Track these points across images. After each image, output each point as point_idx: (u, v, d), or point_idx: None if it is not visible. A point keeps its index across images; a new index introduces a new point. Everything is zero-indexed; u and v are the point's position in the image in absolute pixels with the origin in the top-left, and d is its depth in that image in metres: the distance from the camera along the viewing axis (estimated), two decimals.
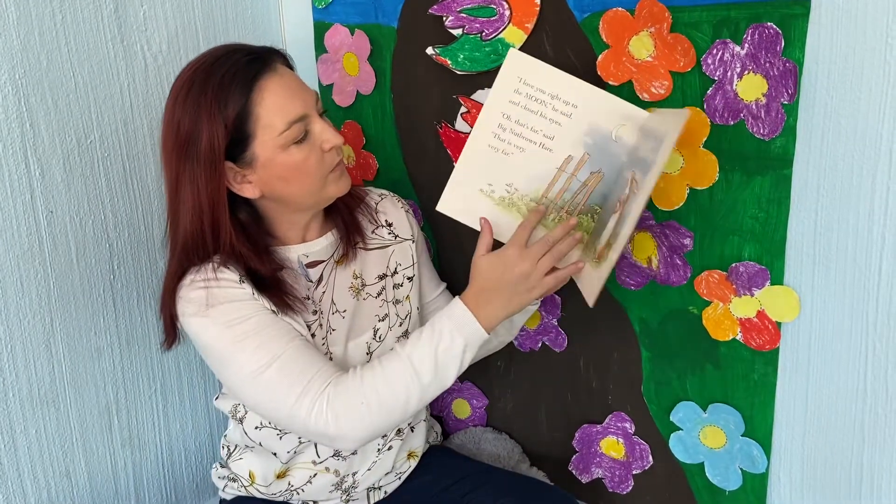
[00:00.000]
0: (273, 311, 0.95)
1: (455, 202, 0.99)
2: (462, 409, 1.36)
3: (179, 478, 1.38)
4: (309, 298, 1.01)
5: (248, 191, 0.95)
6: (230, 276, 0.94)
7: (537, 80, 0.93)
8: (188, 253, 0.95)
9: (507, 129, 0.95)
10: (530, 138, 0.94)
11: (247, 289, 0.94)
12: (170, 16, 1.23)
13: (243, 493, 1.11)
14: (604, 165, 0.92)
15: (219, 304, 0.93)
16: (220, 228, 0.93)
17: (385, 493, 1.14)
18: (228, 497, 1.13)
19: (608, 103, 0.92)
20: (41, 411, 1.14)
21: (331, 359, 1.02)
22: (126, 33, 1.18)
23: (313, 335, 1.00)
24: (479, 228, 0.97)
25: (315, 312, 1.01)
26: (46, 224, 1.11)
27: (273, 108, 0.91)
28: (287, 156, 0.93)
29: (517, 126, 0.94)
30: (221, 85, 0.90)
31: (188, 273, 0.95)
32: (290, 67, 0.98)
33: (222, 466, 1.13)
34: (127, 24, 1.18)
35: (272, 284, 0.96)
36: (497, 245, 0.98)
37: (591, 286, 0.91)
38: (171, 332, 0.99)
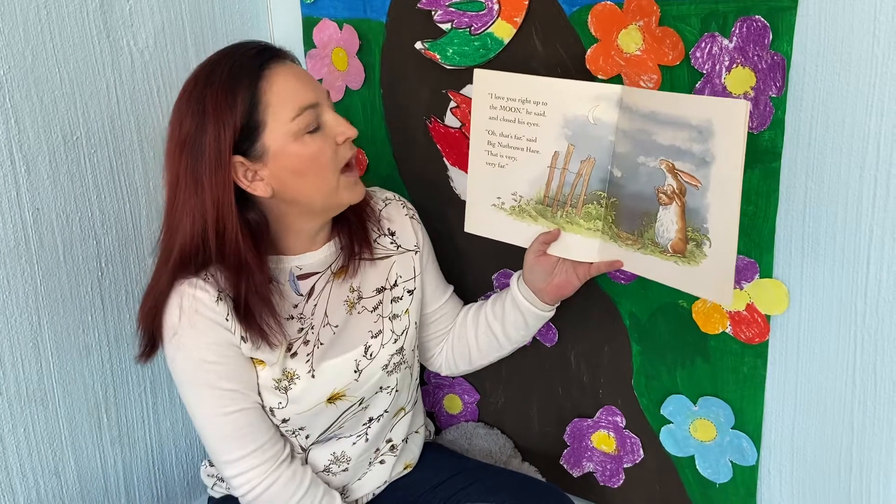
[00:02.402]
0: (242, 338, 0.92)
1: (477, 222, 1.04)
2: (454, 404, 1.36)
3: (170, 475, 1.37)
4: (293, 318, 0.97)
5: (261, 188, 0.90)
6: (206, 297, 0.90)
7: (505, 91, 0.96)
8: (185, 261, 0.90)
9: (496, 144, 0.98)
10: (517, 146, 0.97)
11: (222, 311, 0.90)
12: (156, 10, 1.22)
13: (232, 491, 1.10)
14: (591, 151, 0.93)
15: (191, 334, 0.91)
16: (226, 230, 0.89)
17: (373, 493, 1.13)
18: (217, 495, 1.12)
19: (575, 90, 0.92)
20: (29, 410, 1.14)
21: (313, 377, 0.98)
22: (112, 28, 1.17)
23: (295, 353, 0.96)
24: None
25: (301, 330, 0.98)
26: (33, 221, 1.10)
27: (283, 94, 0.88)
28: (300, 146, 0.89)
29: (503, 138, 0.98)
30: (230, 75, 0.87)
31: (174, 287, 0.91)
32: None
33: (211, 465, 1.13)
34: (113, 19, 1.17)
35: (254, 306, 0.91)
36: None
37: (704, 284, 0.88)
38: (151, 346, 0.96)
